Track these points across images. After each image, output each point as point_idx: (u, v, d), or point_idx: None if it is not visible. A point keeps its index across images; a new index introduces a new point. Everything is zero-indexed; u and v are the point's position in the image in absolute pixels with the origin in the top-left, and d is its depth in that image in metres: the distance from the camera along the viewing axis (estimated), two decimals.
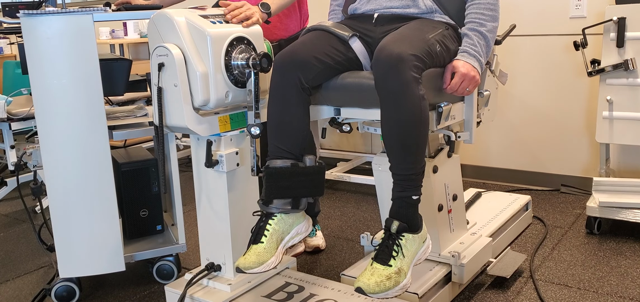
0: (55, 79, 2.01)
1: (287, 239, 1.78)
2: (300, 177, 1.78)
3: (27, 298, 2.34)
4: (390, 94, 1.65)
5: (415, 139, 1.66)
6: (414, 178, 1.69)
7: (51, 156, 2.07)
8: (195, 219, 3.10)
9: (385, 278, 1.63)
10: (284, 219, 1.77)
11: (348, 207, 3.23)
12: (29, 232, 3.08)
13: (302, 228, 1.82)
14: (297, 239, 1.81)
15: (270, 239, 1.73)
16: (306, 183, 1.79)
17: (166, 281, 2.37)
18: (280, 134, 1.79)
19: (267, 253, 1.71)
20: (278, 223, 1.76)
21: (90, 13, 2.00)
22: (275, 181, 1.76)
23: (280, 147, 1.79)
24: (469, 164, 3.62)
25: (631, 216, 2.54)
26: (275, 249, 1.73)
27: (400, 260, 1.66)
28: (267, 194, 1.76)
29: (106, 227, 2.15)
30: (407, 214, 1.70)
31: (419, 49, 1.68)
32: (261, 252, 1.71)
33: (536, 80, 3.33)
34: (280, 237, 1.76)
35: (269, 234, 1.73)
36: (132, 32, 4.78)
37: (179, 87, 1.77)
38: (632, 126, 2.68)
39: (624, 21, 2.63)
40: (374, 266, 1.66)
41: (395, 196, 1.71)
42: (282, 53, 1.82)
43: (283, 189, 1.76)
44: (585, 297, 2.12)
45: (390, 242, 1.68)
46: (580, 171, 3.28)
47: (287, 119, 1.79)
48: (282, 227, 1.76)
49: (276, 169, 1.76)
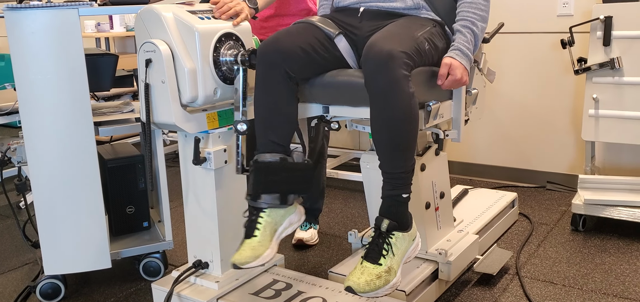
0: (40, 74, 1.98)
1: (281, 230, 1.77)
2: (289, 173, 1.76)
3: (12, 295, 2.31)
4: (380, 92, 1.63)
5: (406, 137, 1.66)
6: (404, 176, 1.68)
7: (36, 151, 2.04)
8: (182, 215, 3.08)
9: (375, 277, 1.63)
10: (276, 211, 1.76)
11: (335, 203, 3.23)
12: (13, 228, 3.05)
13: (295, 218, 1.81)
14: (291, 229, 1.81)
15: (264, 232, 1.72)
16: (294, 179, 1.78)
17: (153, 278, 2.36)
18: (268, 125, 1.77)
19: (262, 246, 1.70)
20: (270, 215, 1.74)
21: (76, 7, 1.98)
22: (264, 176, 1.74)
23: (270, 140, 1.76)
24: (456, 161, 3.64)
25: (615, 213, 2.57)
26: (269, 242, 1.72)
27: (390, 258, 1.66)
28: (255, 189, 1.74)
29: (92, 223, 2.13)
30: (397, 212, 1.69)
31: (409, 47, 1.67)
32: (256, 246, 1.69)
33: (523, 78, 3.35)
34: (274, 228, 1.75)
35: (262, 227, 1.72)
36: (118, 26, 4.73)
37: (167, 84, 1.76)
38: (617, 124, 2.71)
39: (610, 20, 2.65)
40: (364, 265, 1.66)
41: (385, 194, 1.70)
42: (265, 43, 1.79)
43: (271, 184, 1.75)
44: (570, 294, 2.14)
45: (381, 241, 1.67)
46: (566, 168, 3.31)
47: (275, 109, 1.76)
48: (274, 219, 1.75)
49: (265, 164, 1.75)
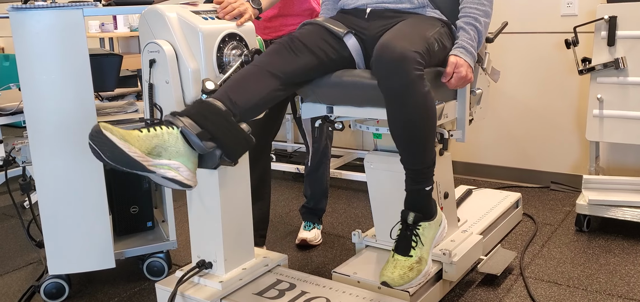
0: (45, 75, 1.98)
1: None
2: (225, 125, 1.57)
3: (16, 295, 2.32)
4: (395, 93, 1.65)
5: (424, 134, 1.69)
6: (425, 171, 1.73)
7: (40, 151, 2.05)
8: (185, 215, 3.08)
9: (408, 269, 1.70)
10: (177, 143, 1.50)
11: (339, 204, 3.23)
12: (18, 228, 3.05)
13: (183, 169, 1.52)
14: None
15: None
16: (226, 133, 1.57)
17: (157, 278, 2.36)
18: (232, 87, 1.66)
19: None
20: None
21: (80, 8, 1.98)
22: (201, 107, 1.58)
23: (227, 95, 1.63)
24: (460, 161, 3.63)
25: (620, 213, 2.56)
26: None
27: (420, 249, 1.73)
28: (184, 111, 1.57)
29: (96, 223, 2.14)
30: (421, 204, 1.75)
31: (420, 46, 1.68)
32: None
33: (527, 78, 3.34)
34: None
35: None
36: (122, 26, 4.74)
37: (171, 84, 1.76)
38: (622, 124, 2.70)
39: (615, 20, 2.64)
40: (395, 258, 1.72)
41: (408, 188, 1.75)
42: (277, 41, 1.82)
43: (201, 116, 1.55)
44: (574, 294, 2.14)
45: (408, 233, 1.73)
46: (570, 169, 3.30)
47: (246, 81, 1.68)
48: (177, 148, 1.50)
49: (210, 101, 1.60)
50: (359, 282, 2.01)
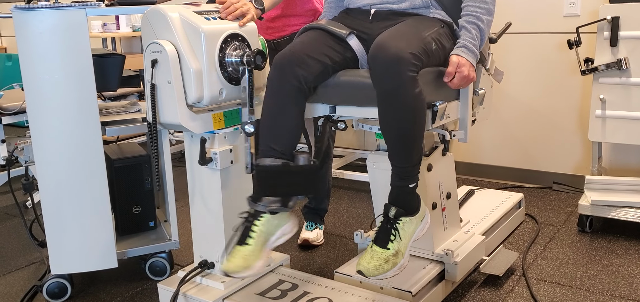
0: (48, 74, 1.99)
1: (273, 240, 1.77)
2: (292, 176, 1.77)
3: (18, 294, 2.32)
4: (387, 93, 1.67)
5: (412, 135, 1.71)
6: (411, 169, 1.75)
7: (43, 151, 2.05)
8: (188, 215, 3.09)
9: (384, 261, 1.72)
10: (270, 221, 1.74)
11: (341, 204, 3.23)
12: (20, 227, 3.06)
13: (287, 229, 1.80)
14: (282, 240, 1.79)
15: (257, 241, 1.72)
16: (298, 181, 1.78)
17: (159, 278, 2.36)
18: (273, 134, 1.78)
19: (253, 256, 1.71)
20: (264, 224, 1.74)
21: (84, 8, 1.98)
22: (265, 179, 1.75)
23: (272, 147, 1.77)
24: (462, 161, 3.63)
25: (623, 214, 2.56)
26: (260, 252, 1.73)
27: (397, 242, 1.76)
28: (257, 192, 1.76)
29: (98, 223, 2.14)
30: (404, 200, 1.77)
31: (416, 47, 1.69)
32: (248, 255, 1.70)
33: (530, 78, 3.34)
34: (266, 238, 1.75)
35: (256, 235, 1.72)
36: (124, 26, 4.75)
37: (173, 84, 1.76)
38: (624, 125, 2.69)
39: (617, 20, 2.64)
40: (373, 249, 1.75)
41: (393, 184, 1.77)
42: (281, 53, 1.81)
43: (273, 187, 1.75)
44: (577, 295, 2.13)
45: (389, 226, 1.76)
46: (573, 169, 3.30)
47: (282, 120, 1.77)
48: (267, 229, 1.75)
49: (266, 168, 1.75)
50: (361, 283, 2.01)
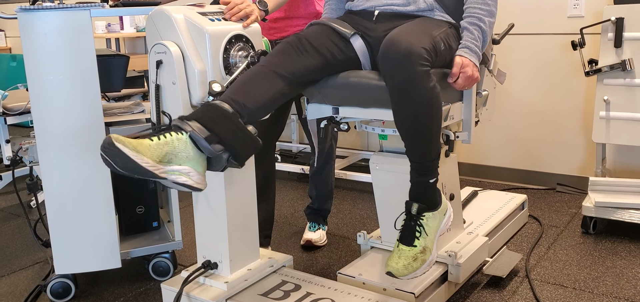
0: (52, 75, 1.99)
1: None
2: (234, 129, 1.58)
3: (22, 294, 2.33)
4: (399, 88, 1.66)
5: (429, 129, 1.70)
6: (430, 164, 1.74)
7: (47, 151, 2.06)
8: (191, 215, 3.09)
9: (412, 259, 1.72)
10: (185, 145, 1.50)
11: (344, 204, 3.23)
12: (24, 227, 3.07)
13: (194, 174, 1.53)
14: (183, 179, 1.51)
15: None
16: (236, 138, 1.58)
17: (162, 278, 2.37)
18: (239, 90, 1.66)
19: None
20: (180, 141, 1.50)
21: (88, 8, 1.99)
22: (208, 112, 1.58)
23: (231, 97, 1.63)
24: (466, 163, 3.63)
25: (627, 216, 2.55)
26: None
27: (423, 239, 1.75)
28: (192, 114, 1.56)
29: (102, 223, 2.15)
30: (425, 196, 1.77)
31: (427, 43, 1.69)
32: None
33: (533, 79, 3.33)
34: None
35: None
36: (128, 27, 4.76)
37: (177, 85, 1.77)
38: (628, 126, 2.69)
39: (622, 21, 2.63)
40: (400, 248, 1.74)
41: (413, 180, 1.77)
42: (284, 41, 1.82)
43: (211, 121, 1.55)
44: (580, 297, 2.13)
45: (412, 223, 1.75)
46: (577, 171, 3.29)
47: (253, 85, 1.67)
48: (179, 147, 1.50)
49: (216, 104, 1.60)
50: (364, 284, 2.01)
